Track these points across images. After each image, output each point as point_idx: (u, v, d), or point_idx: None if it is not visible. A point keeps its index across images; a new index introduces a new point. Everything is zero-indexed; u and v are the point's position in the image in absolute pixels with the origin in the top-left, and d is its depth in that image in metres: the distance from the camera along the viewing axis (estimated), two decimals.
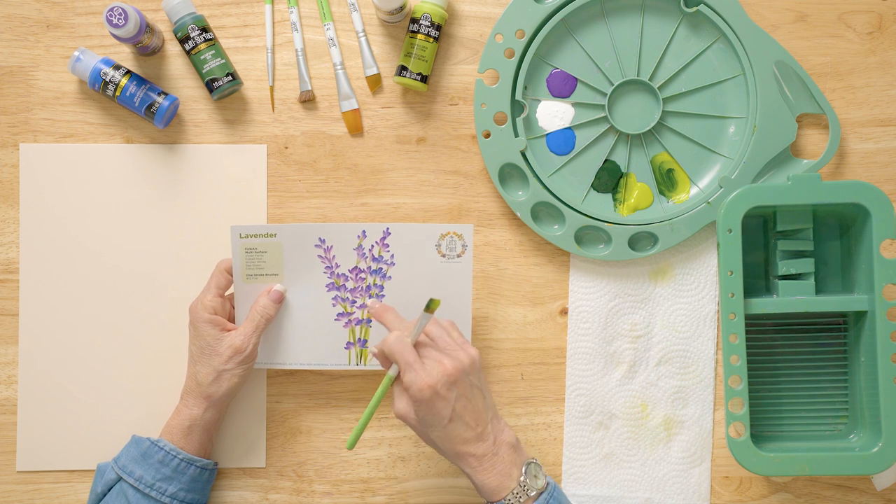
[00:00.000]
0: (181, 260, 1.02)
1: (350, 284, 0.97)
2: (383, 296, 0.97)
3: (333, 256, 0.96)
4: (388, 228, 0.96)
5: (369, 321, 0.97)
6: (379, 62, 1.04)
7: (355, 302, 0.97)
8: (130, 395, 1.02)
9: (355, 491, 1.02)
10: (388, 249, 0.96)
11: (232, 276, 0.97)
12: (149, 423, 1.00)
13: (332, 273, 0.97)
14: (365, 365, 0.98)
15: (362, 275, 0.97)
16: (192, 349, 0.95)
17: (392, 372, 0.89)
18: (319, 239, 0.96)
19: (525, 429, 1.03)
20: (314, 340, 0.98)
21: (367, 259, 0.96)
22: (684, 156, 1.03)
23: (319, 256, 0.97)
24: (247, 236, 0.95)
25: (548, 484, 0.88)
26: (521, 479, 0.86)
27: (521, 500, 0.86)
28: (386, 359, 0.90)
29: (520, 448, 0.89)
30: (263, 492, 1.02)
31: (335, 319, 0.97)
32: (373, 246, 0.96)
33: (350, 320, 0.97)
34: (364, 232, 0.96)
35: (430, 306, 0.87)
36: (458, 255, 0.96)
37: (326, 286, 0.97)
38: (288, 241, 0.96)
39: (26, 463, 1.01)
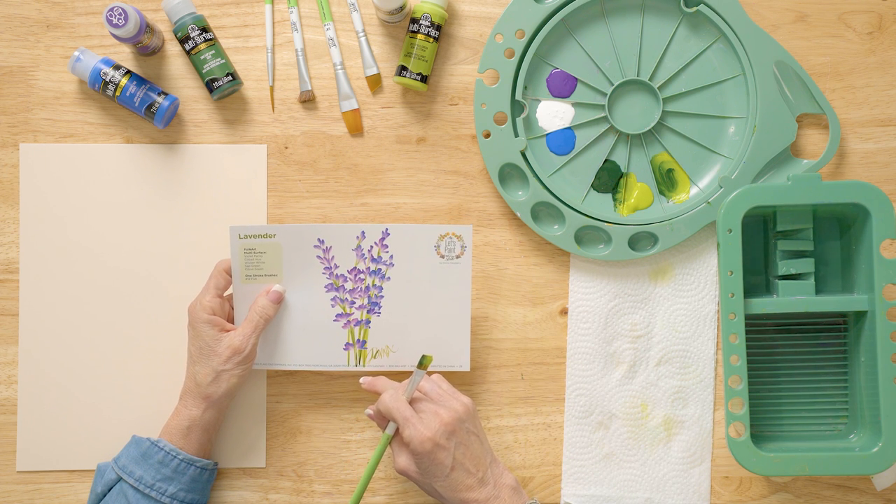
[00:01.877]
0: (181, 260, 1.02)
1: (349, 285, 0.97)
2: (382, 296, 0.97)
3: (332, 257, 0.96)
4: (387, 229, 0.96)
5: (368, 322, 0.97)
6: (379, 62, 1.04)
7: (354, 303, 0.97)
8: (130, 395, 1.02)
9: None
10: (387, 250, 0.96)
11: (231, 276, 0.97)
12: (149, 423, 1.00)
13: (331, 274, 0.97)
14: (364, 366, 0.98)
15: (361, 275, 0.97)
16: (191, 350, 0.96)
17: (389, 430, 0.92)
18: (318, 240, 0.96)
19: (525, 429, 1.03)
20: (313, 341, 0.98)
21: (367, 260, 0.96)
22: (684, 156, 1.03)
23: (318, 257, 0.96)
24: (246, 237, 0.95)
25: None
26: None
27: None
28: (382, 418, 0.94)
29: (520, 490, 0.92)
30: (263, 492, 1.02)
31: (334, 320, 0.97)
32: (372, 247, 0.96)
33: (349, 321, 0.97)
34: (363, 233, 0.96)
35: (423, 363, 0.90)
36: (458, 256, 0.96)
37: (325, 287, 0.97)
38: (287, 241, 0.96)
39: (26, 463, 1.01)
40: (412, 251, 0.96)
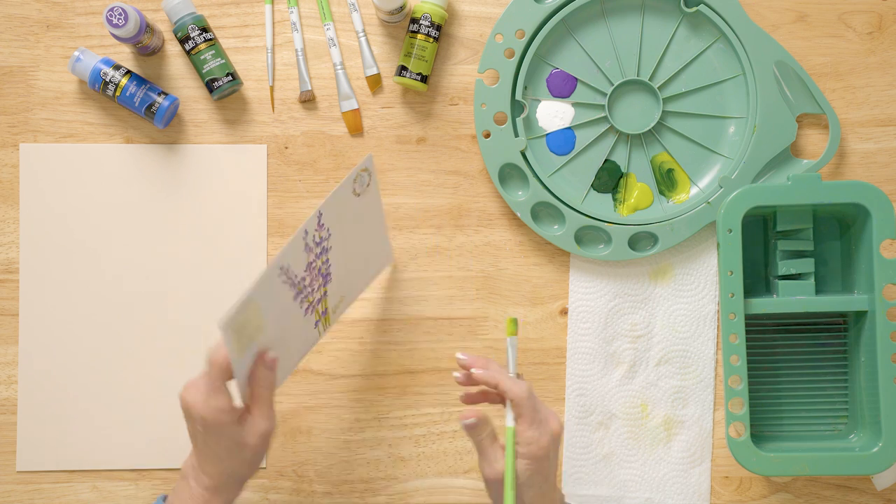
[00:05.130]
0: (181, 260, 1.02)
1: (307, 280, 0.90)
2: (330, 264, 0.91)
3: (295, 274, 0.88)
4: (320, 212, 0.88)
5: (325, 294, 0.93)
6: (379, 62, 1.04)
7: (314, 290, 0.92)
8: (130, 394, 1.02)
9: (355, 491, 1.02)
10: (324, 228, 0.89)
11: (228, 367, 0.84)
12: (148, 422, 1.00)
13: (293, 285, 0.89)
14: (330, 325, 0.96)
15: (313, 264, 0.90)
16: (217, 452, 0.84)
17: (510, 422, 0.83)
18: (280, 268, 0.87)
19: None
20: (295, 343, 0.94)
21: (313, 250, 0.89)
22: (684, 156, 1.03)
23: (284, 283, 0.88)
24: (232, 319, 0.82)
25: None
26: None
27: None
28: (484, 424, 0.84)
29: None
30: (263, 492, 1.02)
31: (305, 316, 0.93)
32: (313, 235, 0.88)
33: (312, 305, 0.92)
34: (305, 231, 0.88)
35: (512, 329, 0.84)
36: (367, 185, 0.91)
37: (294, 297, 0.90)
38: (261, 294, 0.85)
39: (26, 463, 1.01)
40: (339, 211, 0.90)
